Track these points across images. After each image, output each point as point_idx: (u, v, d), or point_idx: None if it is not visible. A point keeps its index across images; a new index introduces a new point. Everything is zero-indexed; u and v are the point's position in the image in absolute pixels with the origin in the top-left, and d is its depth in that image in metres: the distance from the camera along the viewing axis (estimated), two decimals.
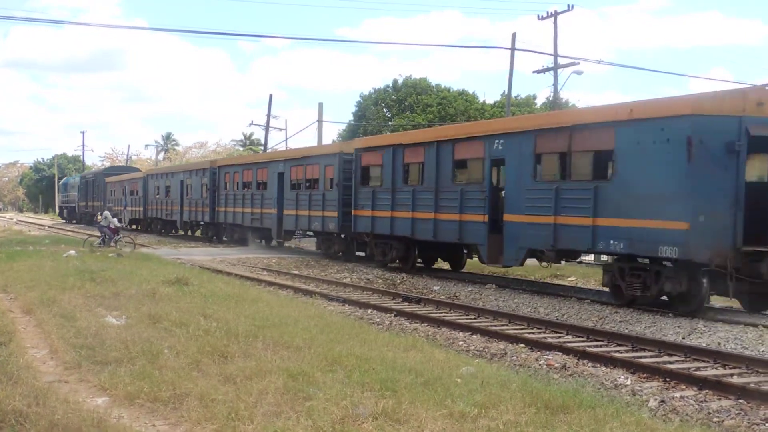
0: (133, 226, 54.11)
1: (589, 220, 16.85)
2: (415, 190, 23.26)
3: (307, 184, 30.67)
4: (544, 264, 20.80)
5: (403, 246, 24.58)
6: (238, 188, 37.37)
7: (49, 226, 61.81)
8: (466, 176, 22.06)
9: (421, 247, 24.54)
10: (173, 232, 48.32)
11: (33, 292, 14.07)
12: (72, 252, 23.72)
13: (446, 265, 25.87)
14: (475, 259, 24.73)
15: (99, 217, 31.46)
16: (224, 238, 39.68)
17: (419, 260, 25.43)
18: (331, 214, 28.26)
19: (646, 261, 16.42)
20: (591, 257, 26.80)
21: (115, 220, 31.03)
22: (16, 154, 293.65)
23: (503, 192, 20.33)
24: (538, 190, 18.55)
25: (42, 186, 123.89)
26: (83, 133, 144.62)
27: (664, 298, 16.56)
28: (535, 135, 18.95)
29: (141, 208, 52.67)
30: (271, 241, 36.14)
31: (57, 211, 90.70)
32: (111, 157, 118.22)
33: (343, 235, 28.32)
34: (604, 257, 24.48)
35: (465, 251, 24.61)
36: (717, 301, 17.81)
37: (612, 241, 16.43)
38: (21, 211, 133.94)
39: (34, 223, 68.61)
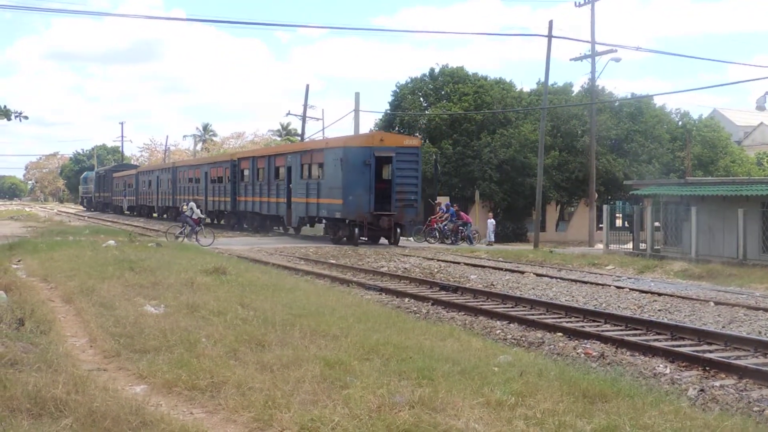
0: (135, 213, 66.99)
1: (315, 200, 32.77)
2: (260, 184, 39.38)
3: (217, 180, 46.16)
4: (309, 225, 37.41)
5: (260, 218, 40.12)
6: (186, 182, 52.19)
7: (75, 215, 66.71)
8: (279, 176, 37.45)
9: (270, 219, 39.42)
10: (152, 215, 61.98)
11: (73, 281, 14.22)
12: (111, 242, 23.96)
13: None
14: (513, 248, 34.54)
15: (185, 207, 31.42)
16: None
17: (280, 228, 39.76)
18: (227, 200, 44.08)
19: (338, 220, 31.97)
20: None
21: (198, 211, 31.00)
22: (56, 145, 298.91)
23: (291, 185, 35.43)
24: (301, 184, 34.33)
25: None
26: (122, 124, 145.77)
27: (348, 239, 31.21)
28: (300, 154, 35.26)
29: (134, 198, 66.65)
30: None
31: (79, 201, 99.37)
32: (150, 147, 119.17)
33: (234, 213, 44.00)
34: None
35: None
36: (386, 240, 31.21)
37: (324, 211, 32.37)
38: (61, 201, 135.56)
39: (74, 214, 69.73)
